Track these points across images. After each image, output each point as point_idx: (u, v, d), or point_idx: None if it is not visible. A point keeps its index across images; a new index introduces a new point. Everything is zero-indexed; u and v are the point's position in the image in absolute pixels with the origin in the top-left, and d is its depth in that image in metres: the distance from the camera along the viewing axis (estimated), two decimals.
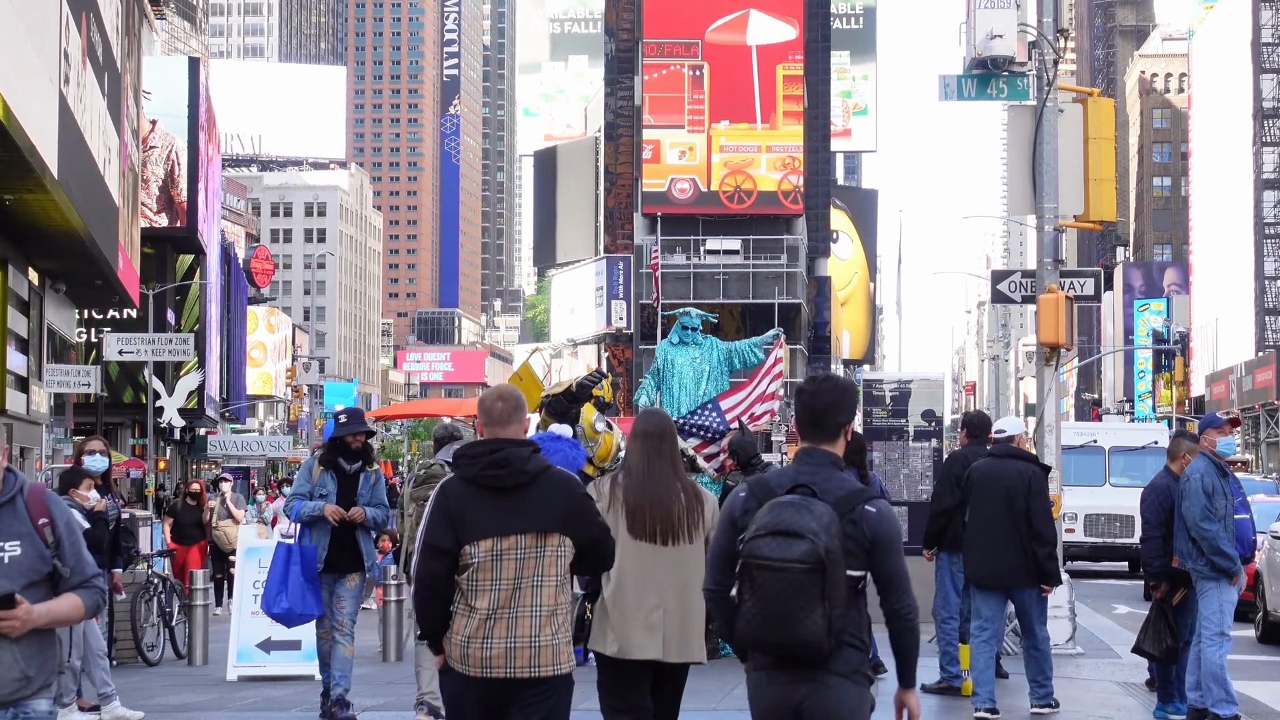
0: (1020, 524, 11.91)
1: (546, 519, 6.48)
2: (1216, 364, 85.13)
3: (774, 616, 5.54)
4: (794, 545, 5.52)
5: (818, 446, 5.96)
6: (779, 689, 5.75)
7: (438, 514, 6.50)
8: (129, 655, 17.45)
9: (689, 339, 16.76)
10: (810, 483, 5.75)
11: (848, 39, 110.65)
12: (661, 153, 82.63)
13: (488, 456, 6.48)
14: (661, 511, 7.88)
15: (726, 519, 6.02)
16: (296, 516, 11.91)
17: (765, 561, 5.54)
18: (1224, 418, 12.17)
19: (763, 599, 5.55)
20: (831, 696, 5.68)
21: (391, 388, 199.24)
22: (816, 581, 5.50)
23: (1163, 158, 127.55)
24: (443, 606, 6.51)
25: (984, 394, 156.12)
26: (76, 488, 13.14)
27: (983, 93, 18.60)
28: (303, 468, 12.40)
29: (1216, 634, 11.45)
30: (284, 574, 11.79)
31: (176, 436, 61.13)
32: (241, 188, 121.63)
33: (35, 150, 22.83)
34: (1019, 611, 12.22)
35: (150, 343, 41.44)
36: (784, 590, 5.52)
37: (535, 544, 6.45)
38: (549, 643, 6.47)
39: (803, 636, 5.53)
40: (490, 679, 6.43)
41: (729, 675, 14.22)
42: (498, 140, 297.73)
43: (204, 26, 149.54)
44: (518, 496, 6.47)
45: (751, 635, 5.63)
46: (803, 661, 5.64)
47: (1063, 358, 18.06)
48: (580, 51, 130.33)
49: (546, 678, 6.46)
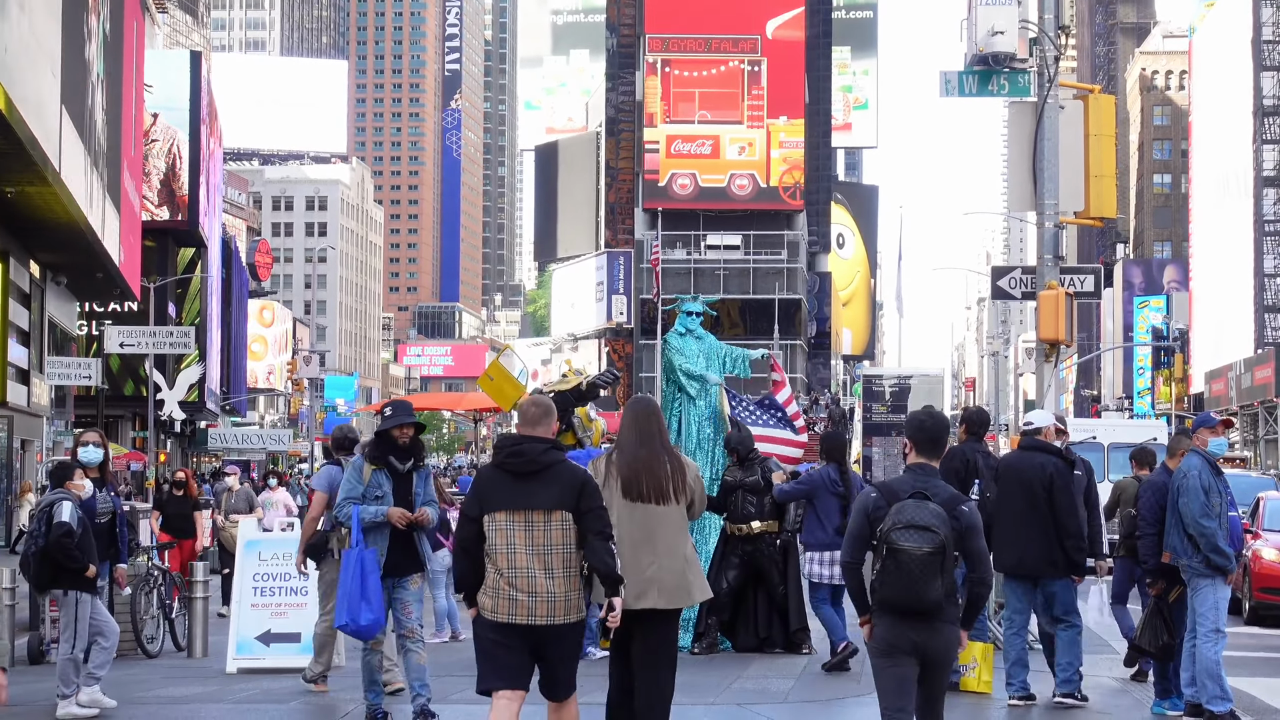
0: (1044, 516, 12.09)
1: (551, 498, 8.31)
2: (1216, 361, 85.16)
3: (910, 584, 7.92)
4: (924, 536, 7.92)
5: (928, 462, 8.41)
6: (906, 631, 8.07)
7: (472, 490, 8.47)
8: (129, 647, 17.46)
9: (691, 324, 16.77)
10: (924, 489, 8.16)
11: (849, 34, 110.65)
12: (721, 148, 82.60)
13: (510, 448, 8.46)
14: (652, 476, 9.31)
15: (861, 511, 8.34)
16: (357, 523, 10.94)
17: (904, 548, 7.91)
18: (1218, 418, 12.17)
19: (903, 573, 7.93)
20: (943, 638, 8.12)
21: (392, 382, 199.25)
22: (938, 561, 7.92)
23: (1163, 155, 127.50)
24: (473, 564, 8.37)
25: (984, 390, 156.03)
26: (70, 479, 13.13)
27: (984, 89, 18.64)
28: (351, 468, 11.26)
29: (1212, 631, 11.47)
30: (362, 584, 10.80)
31: (177, 429, 61.18)
32: (243, 181, 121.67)
33: (36, 142, 22.85)
34: (1047, 601, 12.31)
35: (151, 336, 41.46)
36: (917, 568, 7.91)
37: (543, 519, 8.29)
38: (562, 598, 8.27)
39: (930, 598, 7.93)
40: (515, 625, 8.22)
41: (727, 670, 14.26)
42: (499, 135, 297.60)
43: (206, 20, 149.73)
44: (532, 480, 8.35)
45: (893, 596, 8.00)
46: (924, 614, 8.00)
47: (1062, 354, 18.10)
48: (581, 45, 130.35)
49: (561, 624, 8.28)
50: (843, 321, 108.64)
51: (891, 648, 8.15)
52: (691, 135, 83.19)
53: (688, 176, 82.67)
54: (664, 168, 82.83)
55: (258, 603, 15.26)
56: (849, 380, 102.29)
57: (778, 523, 15.42)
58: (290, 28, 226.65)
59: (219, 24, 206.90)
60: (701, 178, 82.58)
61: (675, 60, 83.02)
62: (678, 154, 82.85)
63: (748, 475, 15.39)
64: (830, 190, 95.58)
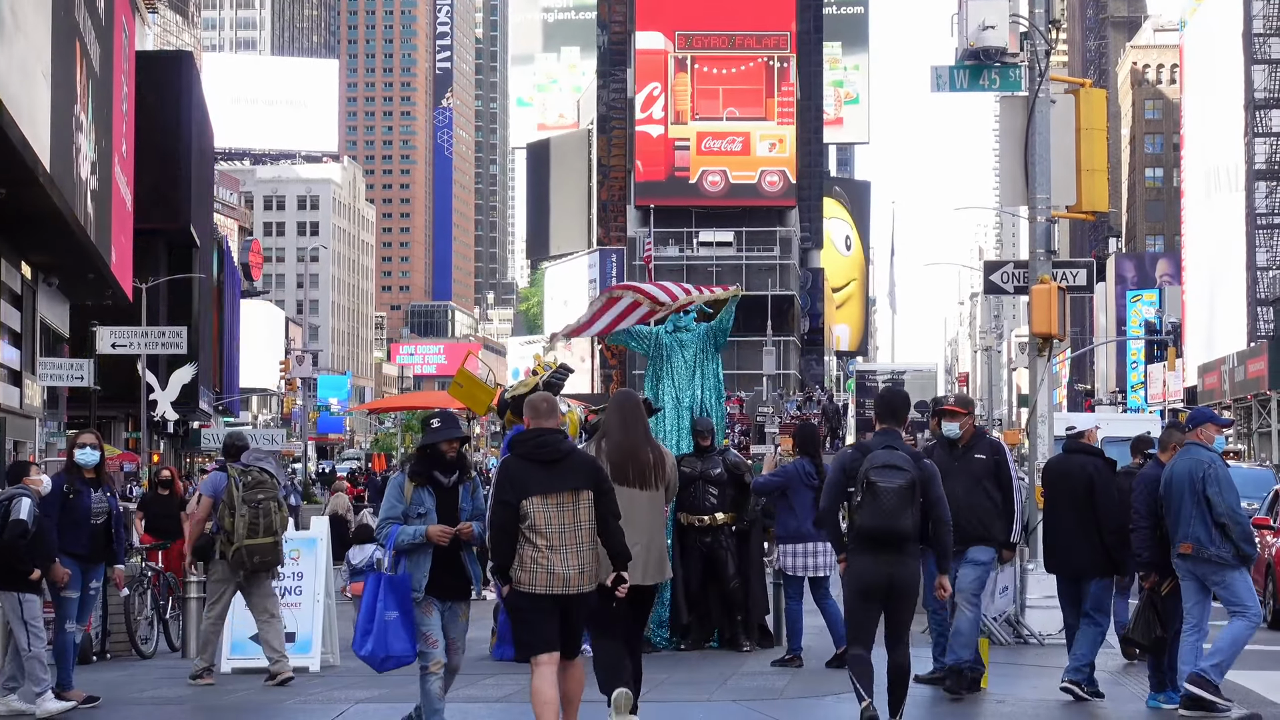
0: (1087, 517, 12.37)
1: (576, 481, 9.50)
2: (1209, 355, 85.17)
3: (887, 515, 9.75)
4: (898, 474, 9.86)
5: (892, 428, 10.28)
6: (880, 566, 9.85)
7: (505, 479, 9.52)
8: (123, 648, 17.45)
9: (682, 323, 16.78)
10: (894, 445, 10.06)
11: (840, 29, 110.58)
12: (751, 145, 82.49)
13: (534, 440, 9.58)
14: (637, 462, 10.43)
15: (839, 465, 10.22)
16: (393, 545, 10.13)
17: (881, 485, 9.79)
18: (1226, 417, 12.26)
19: (880, 506, 9.78)
20: (909, 569, 9.95)
21: (385, 380, 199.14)
22: (910, 494, 9.82)
23: (1155, 149, 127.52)
24: (510, 544, 9.40)
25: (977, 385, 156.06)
26: (27, 475, 13.07)
27: (975, 84, 18.61)
28: (392, 485, 10.42)
29: (1254, 614, 11.52)
30: (369, 613, 10.11)
31: (170, 430, 61.08)
32: (234, 181, 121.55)
33: (28, 144, 22.81)
34: (1087, 597, 12.55)
35: (143, 336, 41.39)
36: (893, 500, 9.78)
37: (572, 499, 9.47)
38: (590, 568, 9.51)
39: (903, 526, 9.80)
40: (552, 595, 9.37)
41: (724, 667, 14.27)
42: (490, 133, 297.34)
43: (196, 20, 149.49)
44: (556, 467, 9.49)
45: (871, 525, 9.79)
46: (894, 547, 9.80)
47: (1055, 348, 18.07)
48: (572, 43, 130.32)
49: (587, 592, 9.51)
50: (839, 319, 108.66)
51: (867, 587, 9.89)
52: (722, 132, 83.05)
53: (718, 174, 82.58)
54: (694, 165, 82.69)
55: None
56: (842, 376, 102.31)
57: (735, 514, 15.50)
58: (281, 27, 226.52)
59: (210, 23, 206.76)
60: (732, 174, 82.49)
61: (701, 57, 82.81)
62: (708, 151, 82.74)
63: (710, 467, 15.44)
64: (822, 187, 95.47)
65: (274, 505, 13.99)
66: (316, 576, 15.41)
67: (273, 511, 13.98)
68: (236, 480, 13.94)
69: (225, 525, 13.90)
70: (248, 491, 13.87)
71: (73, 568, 13.15)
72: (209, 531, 14.15)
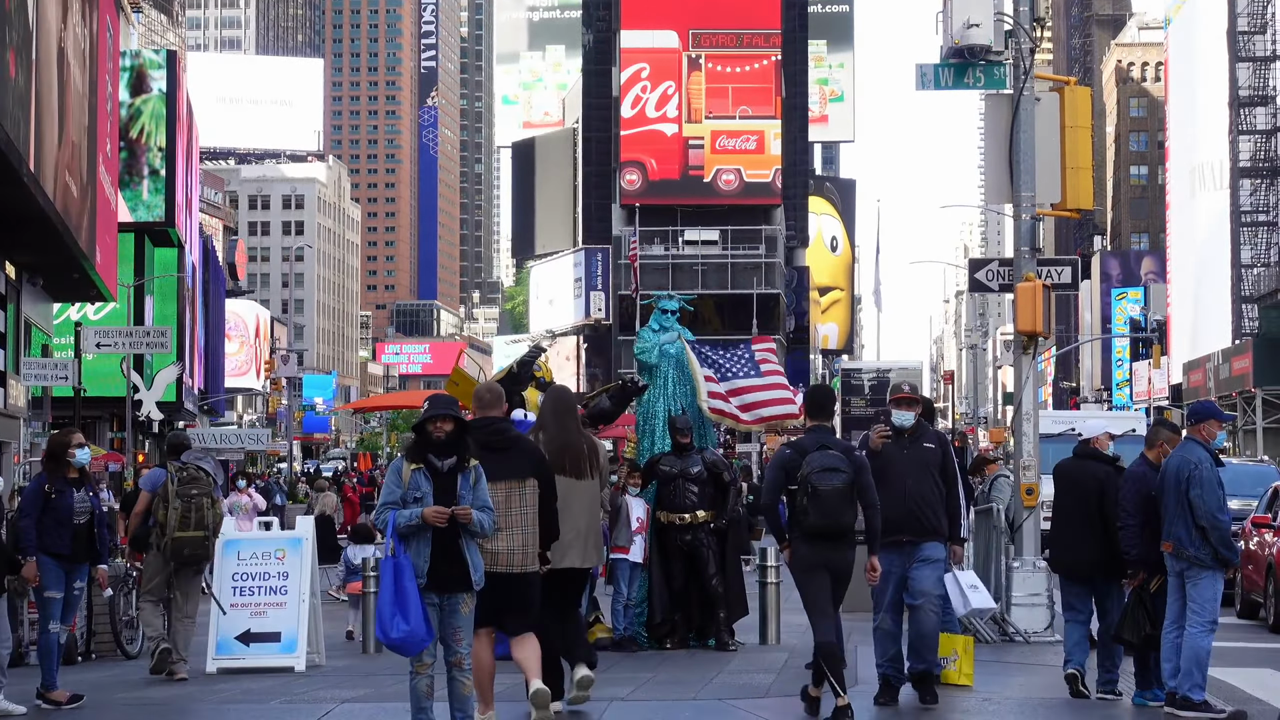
0: (1096, 521, 12.45)
1: (522, 469, 10.31)
2: (1194, 352, 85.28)
3: (831, 513, 10.83)
4: (838, 475, 10.86)
5: (822, 424, 11.25)
6: (822, 551, 10.94)
7: None
8: (108, 648, 17.42)
9: (667, 323, 16.80)
10: (825, 442, 11.02)
11: (825, 27, 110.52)
12: (766, 143, 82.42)
13: (488, 428, 10.30)
14: (573, 454, 11.34)
15: (778, 465, 11.08)
16: (392, 530, 9.81)
17: (823, 488, 10.80)
18: (1229, 413, 12.27)
19: (825, 507, 10.82)
20: (848, 558, 11.09)
21: (370, 380, 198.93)
22: (850, 494, 10.89)
23: (1139, 146, 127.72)
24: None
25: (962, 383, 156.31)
26: None
27: (960, 82, 18.59)
28: (390, 470, 10.18)
29: (1209, 621, 11.47)
30: (395, 592, 9.65)
31: (155, 430, 60.94)
32: (219, 181, 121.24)
33: (12, 144, 22.74)
34: (1098, 600, 12.68)
35: (128, 336, 41.27)
36: (836, 500, 10.84)
37: (519, 486, 10.28)
38: (532, 550, 10.29)
39: (845, 522, 10.93)
40: (494, 572, 10.05)
41: (709, 667, 14.27)
42: (476, 132, 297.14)
43: (181, 19, 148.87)
44: (505, 454, 10.24)
45: (818, 524, 10.84)
46: (836, 538, 10.91)
47: (1040, 346, 18.07)
48: (558, 41, 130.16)
49: (530, 572, 10.32)
50: (827, 319, 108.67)
51: (812, 566, 11.01)
52: (736, 130, 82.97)
53: (733, 172, 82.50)
54: (709, 163, 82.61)
55: (237, 602, 15.24)
56: (828, 375, 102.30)
57: (715, 512, 15.51)
58: (265, 26, 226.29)
59: (194, 23, 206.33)
60: (747, 173, 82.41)
61: (710, 55, 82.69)
62: (722, 149, 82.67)
63: (690, 465, 15.45)
64: (807, 185, 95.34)
65: (207, 501, 14.62)
66: (301, 576, 15.39)
67: (205, 507, 14.61)
68: (173, 475, 14.63)
69: (159, 517, 14.63)
70: (182, 486, 14.59)
71: (56, 568, 13.12)
72: (150, 524, 14.89)
